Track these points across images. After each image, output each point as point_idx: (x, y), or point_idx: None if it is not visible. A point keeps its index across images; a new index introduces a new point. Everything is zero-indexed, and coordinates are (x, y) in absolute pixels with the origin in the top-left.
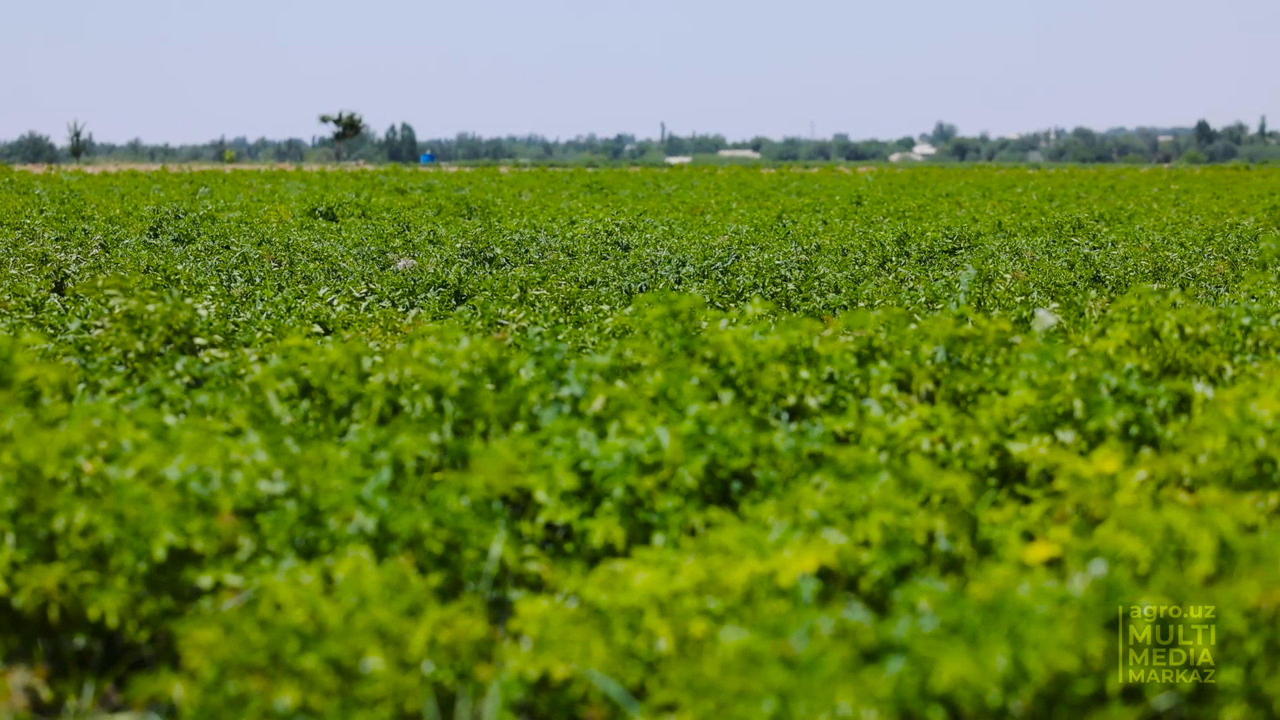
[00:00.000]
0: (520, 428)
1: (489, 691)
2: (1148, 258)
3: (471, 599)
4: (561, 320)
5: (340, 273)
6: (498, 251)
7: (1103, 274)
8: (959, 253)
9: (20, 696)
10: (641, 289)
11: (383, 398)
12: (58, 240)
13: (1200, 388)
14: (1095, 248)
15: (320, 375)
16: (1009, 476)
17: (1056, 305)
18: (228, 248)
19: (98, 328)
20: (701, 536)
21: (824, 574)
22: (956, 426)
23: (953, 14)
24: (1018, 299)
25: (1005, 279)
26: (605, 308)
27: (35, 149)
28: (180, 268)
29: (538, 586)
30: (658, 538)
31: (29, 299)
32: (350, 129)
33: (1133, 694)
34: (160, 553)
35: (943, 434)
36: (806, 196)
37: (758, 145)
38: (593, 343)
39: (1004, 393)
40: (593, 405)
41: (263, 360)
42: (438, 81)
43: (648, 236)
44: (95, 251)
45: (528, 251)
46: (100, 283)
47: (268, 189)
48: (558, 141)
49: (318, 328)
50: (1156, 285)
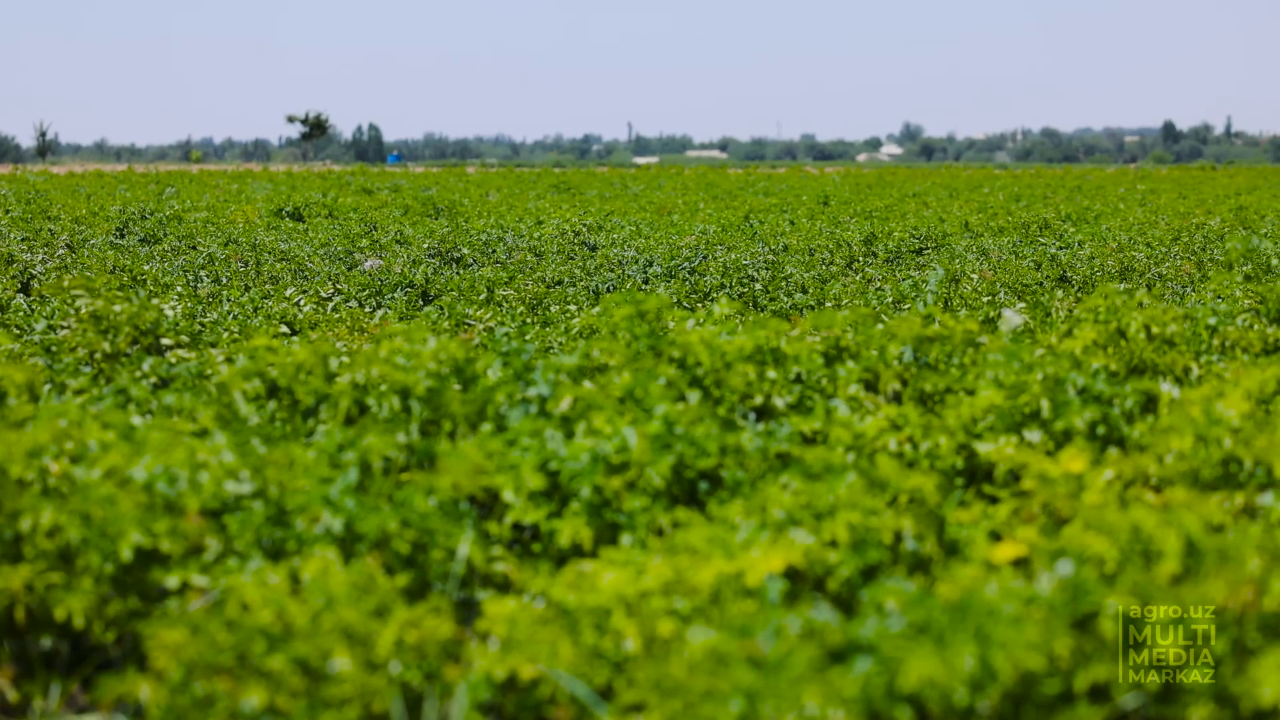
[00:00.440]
0: (487, 428)
1: (456, 692)
2: (1114, 258)
3: (439, 599)
4: (529, 320)
5: (307, 273)
6: (465, 252)
7: (1069, 274)
8: (926, 253)
9: None
10: (609, 289)
11: (350, 398)
12: (23, 241)
13: (1167, 387)
14: (1062, 248)
15: (287, 376)
16: (976, 476)
17: (1023, 305)
18: (194, 248)
19: (64, 328)
20: (669, 536)
21: (791, 574)
22: (924, 426)
23: (920, 15)
24: (985, 299)
25: (972, 279)
26: (572, 308)
27: (0, 149)
28: (147, 268)
29: (505, 587)
30: (625, 538)
31: None
32: (317, 129)
33: (1100, 693)
34: (127, 553)
35: (910, 434)
36: (774, 197)
37: (725, 145)
38: (560, 343)
39: (971, 393)
40: (560, 405)
41: (229, 361)
42: (405, 82)
43: (615, 237)
44: (61, 252)
45: (495, 252)
46: (66, 283)
47: (234, 189)
48: (525, 142)
49: (284, 328)
50: (1123, 285)
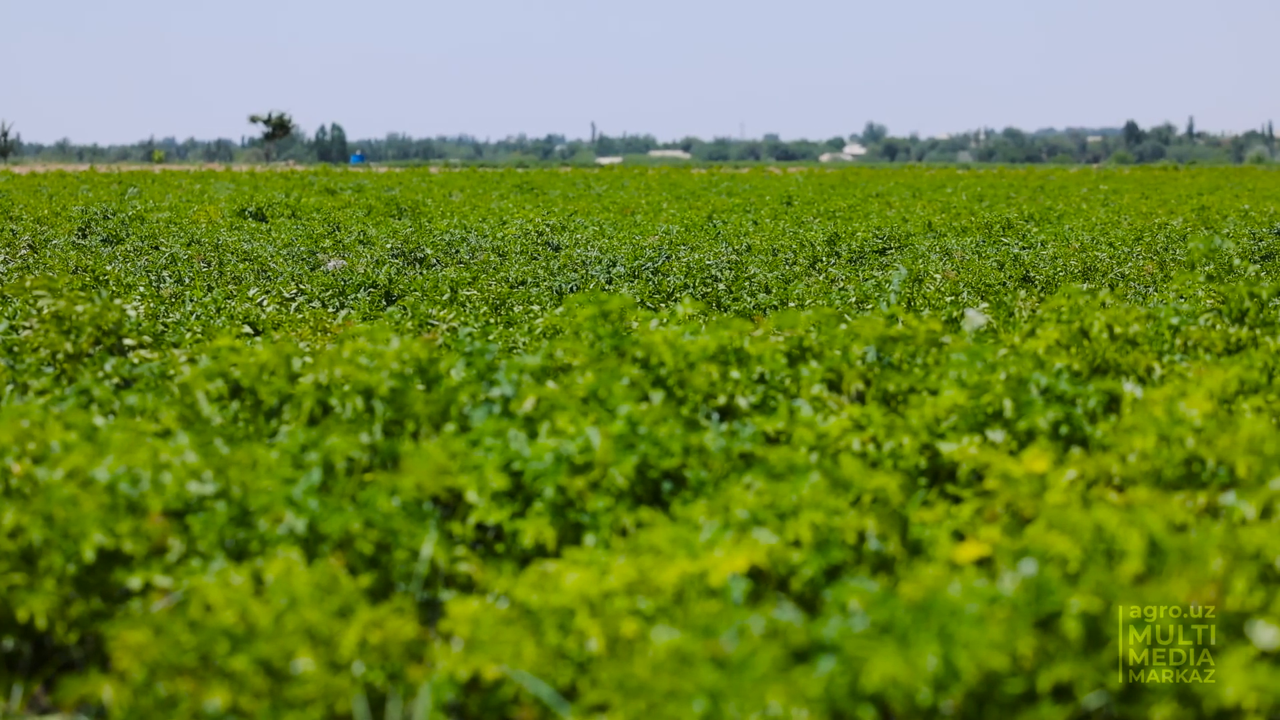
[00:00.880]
0: (451, 428)
1: (420, 692)
2: (1077, 258)
3: (402, 600)
4: (492, 320)
5: (270, 273)
6: (428, 252)
7: (1032, 274)
8: (889, 253)
9: None
10: (572, 289)
11: (313, 398)
12: None
13: (1129, 387)
14: (1025, 248)
15: (250, 376)
16: (939, 476)
17: (986, 305)
18: (157, 248)
19: (26, 329)
20: (632, 536)
21: (755, 574)
22: (887, 426)
23: (884, 15)
24: (948, 299)
25: (935, 279)
26: (536, 308)
27: None
28: (109, 268)
29: (469, 587)
30: (589, 538)
31: None
32: (280, 129)
33: (1063, 693)
34: (89, 554)
35: (873, 434)
36: (737, 197)
37: (688, 146)
38: (523, 343)
39: (934, 392)
40: (523, 406)
41: (192, 361)
42: (368, 82)
43: (578, 237)
44: (23, 252)
45: (458, 252)
46: (28, 283)
47: (197, 189)
48: (488, 142)
49: (247, 328)
50: (1086, 285)
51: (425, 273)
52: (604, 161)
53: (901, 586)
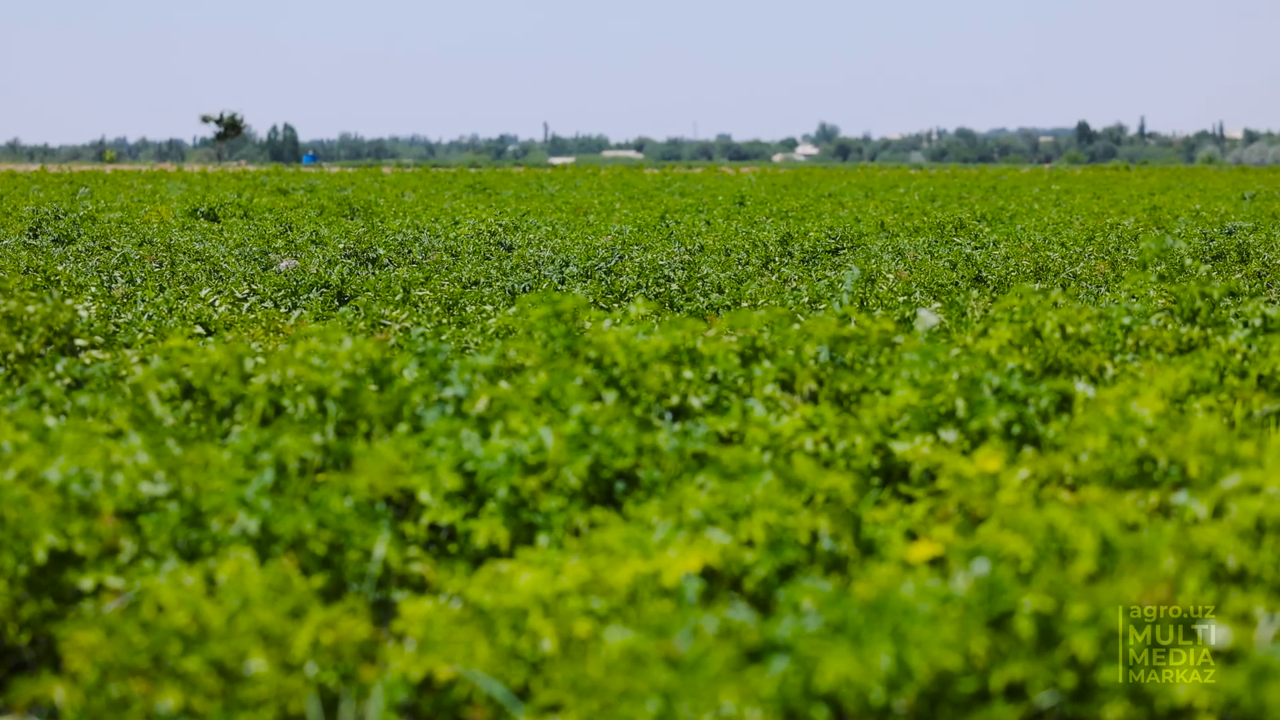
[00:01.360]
0: (404, 428)
1: (373, 693)
2: (1029, 258)
3: (355, 600)
4: (445, 321)
5: (222, 273)
6: (381, 252)
7: (985, 274)
8: (842, 253)
9: None
10: (525, 289)
11: (265, 399)
12: None
13: (1082, 387)
14: (977, 248)
15: (202, 376)
16: (892, 476)
17: (939, 305)
18: (109, 248)
19: None
20: (585, 537)
21: (708, 574)
22: (840, 426)
23: (836, 16)
24: (900, 299)
25: (888, 279)
26: (489, 308)
27: None
28: (60, 268)
29: (422, 587)
30: (542, 538)
31: None
32: (232, 129)
33: (1016, 692)
34: (41, 555)
35: (826, 434)
36: (690, 197)
37: (641, 145)
38: (476, 343)
39: (887, 392)
40: (476, 406)
41: (144, 361)
42: (320, 82)
43: (531, 237)
44: None
45: (411, 252)
46: None
47: (149, 189)
48: (440, 142)
49: (200, 329)
50: (1038, 285)
51: (378, 273)
52: (557, 161)
53: (855, 586)
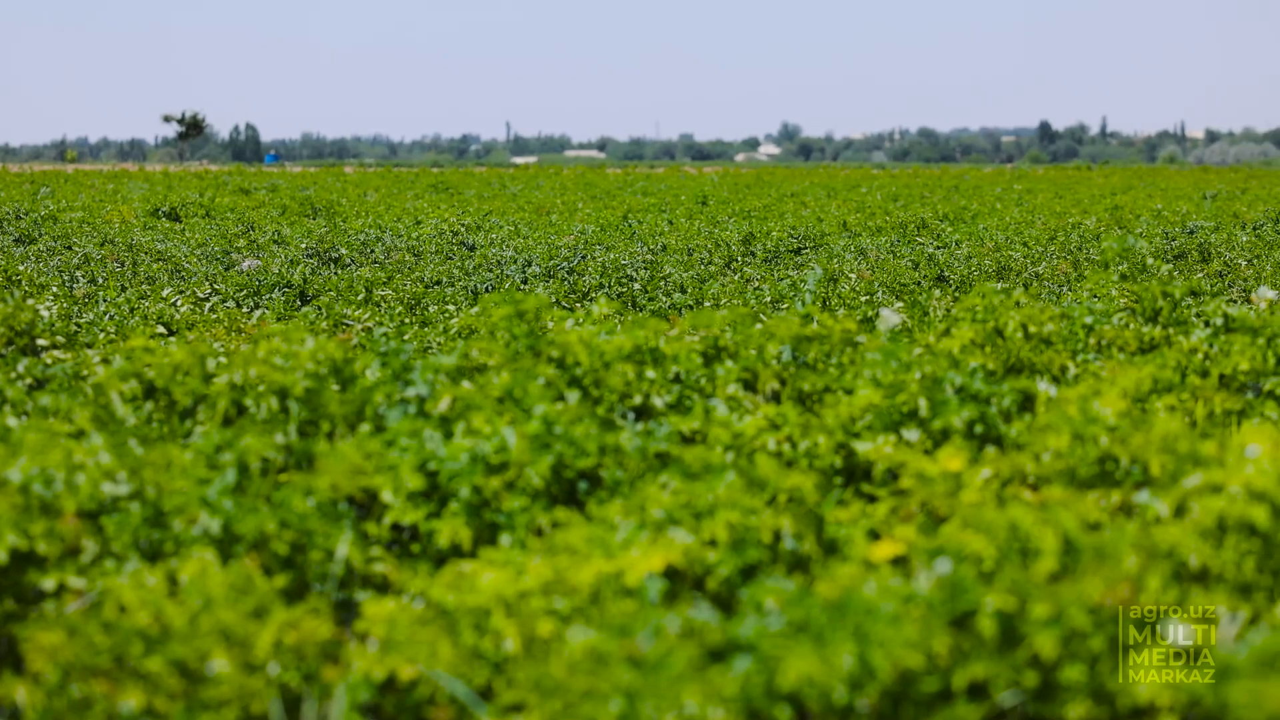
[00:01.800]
0: (366, 428)
1: (335, 693)
2: (991, 257)
3: (318, 600)
4: (407, 320)
5: (184, 273)
6: (343, 252)
7: (947, 273)
8: (804, 252)
9: None
10: (487, 289)
11: (227, 399)
12: None
13: (1044, 386)
14: (940, 247)
15: (164, 376)
16: (855, 475)
17: (901, 305)
18: (70, 248)
19: None
20: (548, 536)
21: (671, 573)
22: (802, 426)
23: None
24: (863, 298)
25: (850, 279)
26: (451, 308)
27: None
28: (21, 268)
29: (384, 587)
30: (505, 538)
31: None
32: (194, 129)
33: (978, 691)
34: (2, 555)
35: (788, 433)
36: (652, 196)
37: (603, 145)
38: (439, 343)
39: (849, 392)
40: (439, 405)
41: (106, 361)
42: (282, 82)
43: (494, 236)
44: None
45: (373, 252)
46: None
47: (110, 189)
48: (403, 141)
49: (161, 329)
50: (1000, 284)
51: (340, 273)
52: (519, 161)
53: (817, 585)
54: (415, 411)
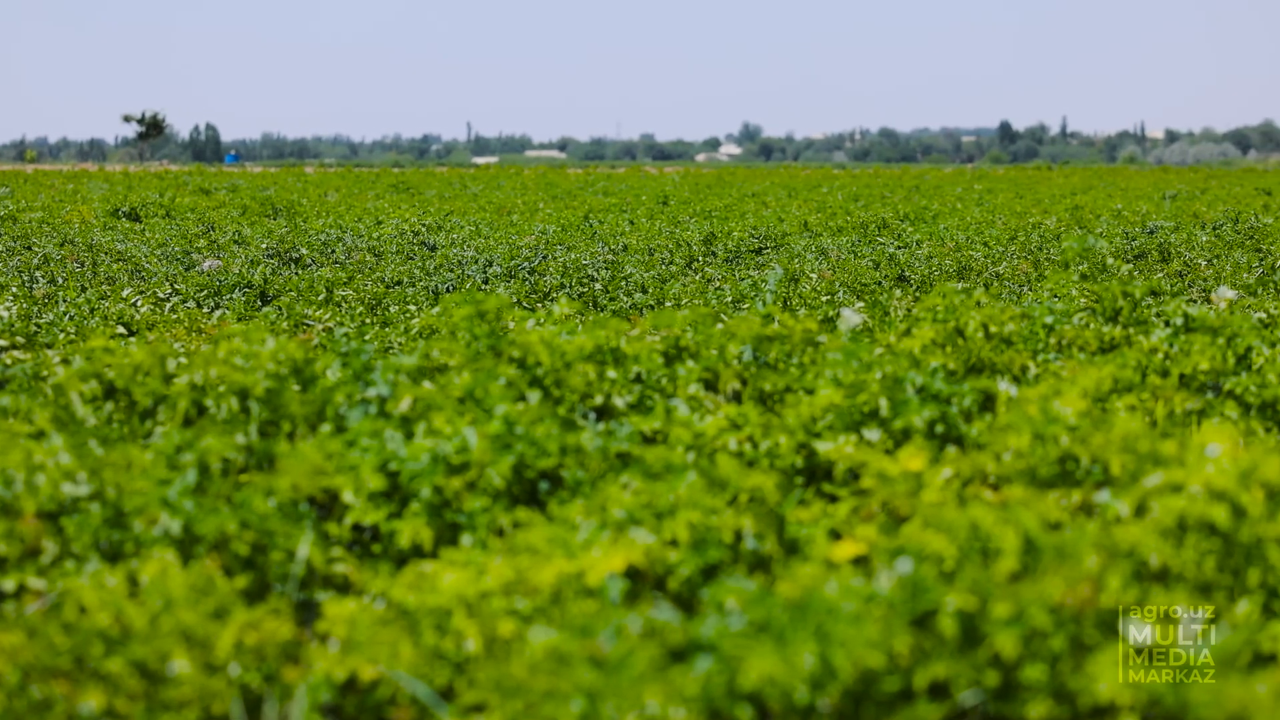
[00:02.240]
0: (327, 429)
1: (296, 693)
2: (952, 257)
3: (278, 601)
4: (368, 321)
5: (144, 273)
6: (303, 252)
7: (908, 273)
8: (765, 252)
9: None
10: (449, 289)
11: (188, 399)
12: None
13: (1005, 386)
14: (900, 247)
15: (124, 377)
16: (816, 475)
17: (862, 304)
18: (29, 248)
19: None
20: (509, 537)
21: (632, 573)
22: (763, 426)
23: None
24: (824, 298)
25: (811, 278)
26: (412, 308)
27: None
28: None
29: (345, 588)
30: (466, 538)
31: None
32: (154, 129)
33: (939, 690)
34: None
35: (750, 433)
36: (613, 196)
37: (564, 145)
38: (400, 343)
39: (810, 392)
40: (400, 406)
41: (66, 362)
42: (242, 81)
43: (455, 237)
44: None
45: (334, 252)
46: None
47: (70, 189)
48: (364, 141)
49: (121, 329)
50: (961, 284)
51: (301, 273)
52: (480, 161)
53: (779, 585)
54: (376, 412)
